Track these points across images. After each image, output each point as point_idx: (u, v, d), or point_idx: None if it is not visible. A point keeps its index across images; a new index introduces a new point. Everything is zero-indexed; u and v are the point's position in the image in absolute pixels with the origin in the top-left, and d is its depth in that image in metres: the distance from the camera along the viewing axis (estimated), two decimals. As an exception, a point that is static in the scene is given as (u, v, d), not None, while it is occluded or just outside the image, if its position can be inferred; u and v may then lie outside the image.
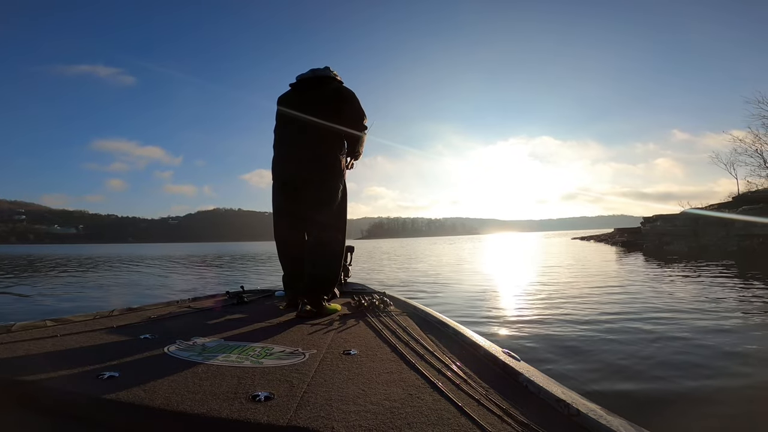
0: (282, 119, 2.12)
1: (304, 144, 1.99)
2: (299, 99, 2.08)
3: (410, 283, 6.54)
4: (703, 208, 17.23)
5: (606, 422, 0.72)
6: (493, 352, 1.13)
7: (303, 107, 2.01)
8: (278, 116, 2.14)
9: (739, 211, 13.73)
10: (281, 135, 2.12)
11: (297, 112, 2.01)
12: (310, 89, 2.09)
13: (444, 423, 0.77)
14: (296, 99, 2.09)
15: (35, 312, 4.53)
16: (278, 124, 2.15)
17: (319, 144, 1.99)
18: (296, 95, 2.12)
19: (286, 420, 0.77)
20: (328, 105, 2.02)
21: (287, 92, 2.18)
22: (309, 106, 2.01)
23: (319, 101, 2.03)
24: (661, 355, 2.42)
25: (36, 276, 9.40)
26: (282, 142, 2.10)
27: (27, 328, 1.44)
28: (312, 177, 1.97)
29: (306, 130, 1.99)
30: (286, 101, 2.13)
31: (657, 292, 4.86)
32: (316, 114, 1.98)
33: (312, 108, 2.00)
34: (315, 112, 1.99)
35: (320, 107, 2.01)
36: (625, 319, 3.43)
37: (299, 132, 2.01)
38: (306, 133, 1.99)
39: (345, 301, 2.09)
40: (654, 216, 17.58)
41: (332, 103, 2.03)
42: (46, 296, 5.88)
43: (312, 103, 2.02)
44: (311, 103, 2.02)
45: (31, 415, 0.88)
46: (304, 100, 2.05)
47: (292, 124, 2.05)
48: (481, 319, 3.61)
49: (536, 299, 4.64)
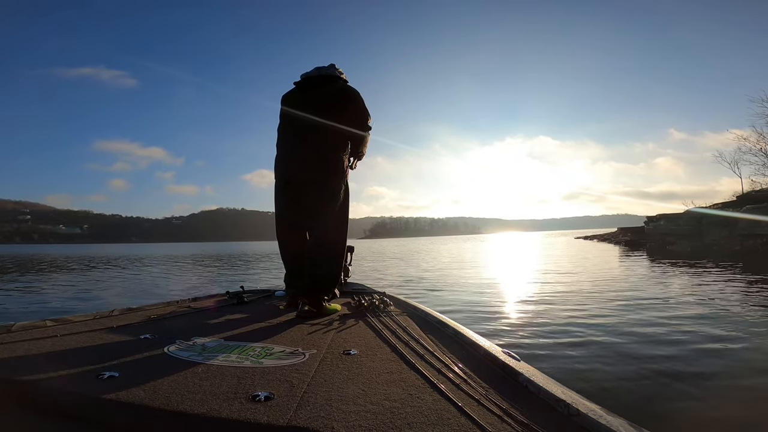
0: (286, 118, 2.10)
1: (308, 144, 1.97)
2: (303, 98, 2.05)
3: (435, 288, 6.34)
4: (707, 208, 17.07)
5: (606, 422, 0.72)
6: (493, 352, 1.13)
7: (307, 106, 1.99)
8: (282, 115, 2.12)
9: (743, 210, 13.63)
10: (285, 134, 2.10)
11: (301, 112, 1.99)
12: (315, 88, 2.06)
13: (444, 423, 0.77)
14: (300, 98, 2.07)
15: (35, 312, 4.53)
16: (282, 122, 2.13)
17: (322, 144, 1.97)
18: (300, 94, 2.10)
19: (286, 420, 0.77)
20: (332, 104, 2.00)
21: (291, 90, 2.16)
22: (313, 106, 1.99)
23: (324, 100, 2.01)
24: (661, 356, 2.42)
25: (48, 276, 9.40)
26: (285, 141, 2.08)
27: (27, 328, 1.43)
28: (315, 177, 1.95)
29: (310, 129, 1.97)
30: (291, 100, 2.10)
31: (658, 293, 4.85)
32: (320, 113, 1.96)
33: (316, 107, 1.98)
34: (319, 112, 1.97)
35: (324, 106, 1.99)
36: (627, 319, 3.43)
37: (303, 131, 1.99)
38: (310, 133, 1.97)
39: (345, 301, 2.09)
40: (657, 215, 17.54)
41: (337, 102, 2.01)
42: (52, 295, 5.89)
43: (316, 102, 2.00)
44: (315, 103, 2.00)
45: (31, 415, 0.88)
46: (308, 99, 2.03)
47: (295, 123, 2.03)
48: (488, 317, 3.61)
49: (538, 299, 4.64)
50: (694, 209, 16.69)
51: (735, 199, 17.59)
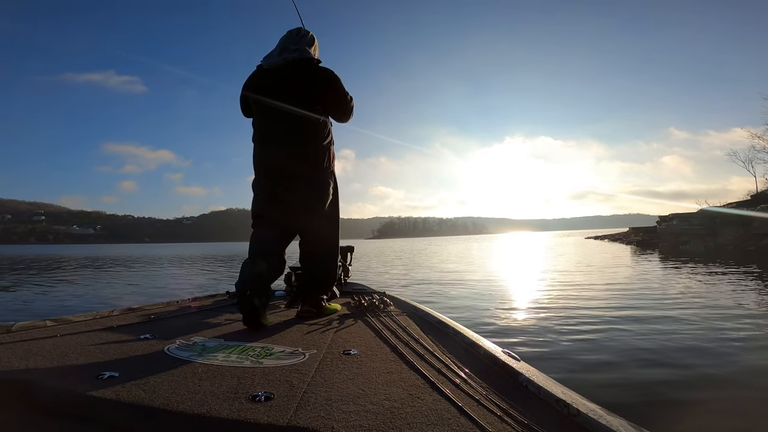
0: (257, 108, 1.83)
1: (285, 138, 1.75)
2: (272, 85, 1.78)
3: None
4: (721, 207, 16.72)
5: (606, 422, 0.72)
6: (493, 352, 1.13)
7: (278, 95, 1.74)
8: (250, 104, 1.85)
9: (758, 209, 13.30)
10: (259, 127, 1.84)
11: (272, 101, 1.74)
12: (285, 72, 1.78)
13: (444, 423, 0.77)
14: (269, 84, 1.79)
15: (35, 312, 4.53)
16: (252, 113, 1.87)
17: (300, 135, 1.75)
18: (269, 79, 1.80)
19: (286, 420, 0.77)
20: (306, 93, 1.76)
21: (256, 74, 1.85)
22: (285, 94, 1.74)
23: (296, 88, 1.76)
24: (662, 356, 2.42)
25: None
26: (261, 135, 1.83)
27: (27, 328, 1.43)
28: (299, 174, 1.75)
29: (285, 120, 1.74)
30: (258, 86, 1.81)
31: (663, 293, 4.84)
32: (295, 102, 1.73)
33: (288, 95, 1.74)
34: (292, 100, 1.73)
35: (298, 95, 1.74)
36: (628, 319, 3.43)
37: (276, 123, 1.75)
38: (286, 124, 1.74)
39: (345, 301, 2.09)
40: (670, 215, 17.28)
41: (313, 90, 1.77)
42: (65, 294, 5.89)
43: (287, 88, 1.75)
44: (287, 90, 1.75)
45: (31, 414, 0.88)
46: (278, 87, 1.76)
47: (267, 113, 1.78)
48: (491, 317, 3.61)
49: (543, 299, 4.63)
50: (708, 208, 16.38)
51: (749, 198, 17.32)
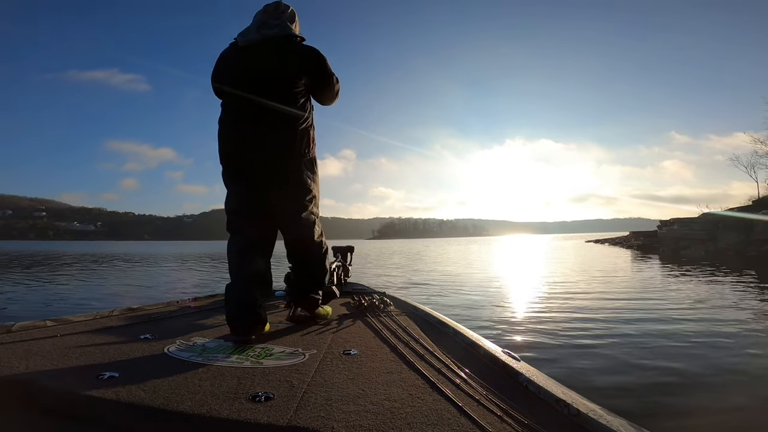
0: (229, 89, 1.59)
1: (261, 123, 1.53)
2: (249, 66, 1.55)
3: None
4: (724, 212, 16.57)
5: (606, 422, 0.72)
6: (493, 352, 1.13)
7: (255, 79, 1.53)
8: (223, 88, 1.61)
9: (760, 214, 13.12)
10: (229, 109, 1.61)
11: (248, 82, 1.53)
12: (264, 49, 1.57)
13: (444, 423, 0.77)
14: (245, 66, 1.56)
15: (35, 312, 4.53)
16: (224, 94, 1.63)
17: (279, 122, 1.54)
18: (244, 59, 1.58)
19: (286, 420, 0.77)
20: (287, 73, 1.56)
21: (231, 51, 1.63)
22: (263, 77, 1.53)
23: (277, 68, 1.55)
24: (662, 357, 2.42)
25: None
26: (232, 120, 1.59)
27: (27, 328, 1.43)
28: (276, 164, 1.55)
29: (262, 106, 1.52)
30: (233, 65, 1.59)
31: (663, 297, 4.83)
32: (274, 82, 1.54)
33: (267, 75, 1.54)
34: (271, 80, 1.54)
35: (278, 75, 1.55)
36: (629, 320, 3.44)
37: (252, 107, 1.52)
38: (262, 110, 1.52)
39: (345, 301, 2.08)
40: (671, 219, 17.08)
41: (295, 69, 1.57)
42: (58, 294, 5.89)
43: (267, 70, 1.54)
44: (266, 71, 1.54)
45: (31, 414, 0.88)
46: (256, 68, 1.54)
47: (242, 96, 1.54)
48: (494, 317, 3.61)
49: (543, 300, 4.64)
50: (710, 212, 16.18)
51: (751, 204, 17.11)
